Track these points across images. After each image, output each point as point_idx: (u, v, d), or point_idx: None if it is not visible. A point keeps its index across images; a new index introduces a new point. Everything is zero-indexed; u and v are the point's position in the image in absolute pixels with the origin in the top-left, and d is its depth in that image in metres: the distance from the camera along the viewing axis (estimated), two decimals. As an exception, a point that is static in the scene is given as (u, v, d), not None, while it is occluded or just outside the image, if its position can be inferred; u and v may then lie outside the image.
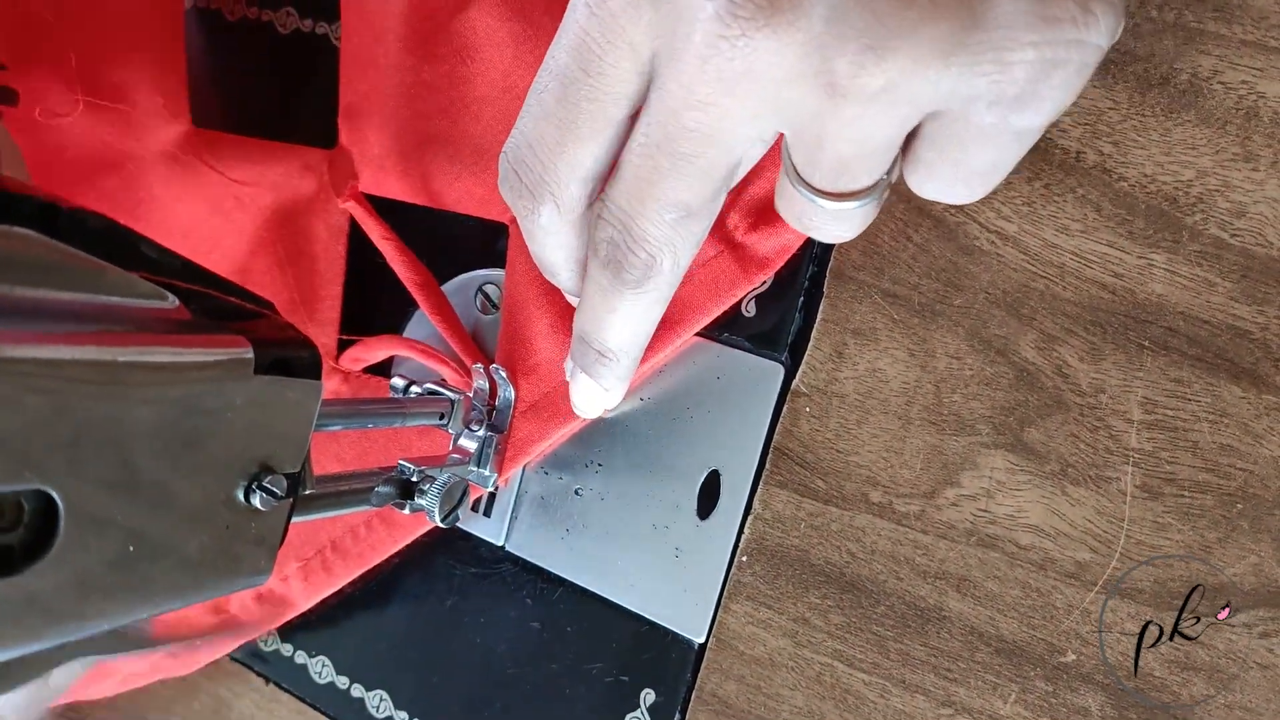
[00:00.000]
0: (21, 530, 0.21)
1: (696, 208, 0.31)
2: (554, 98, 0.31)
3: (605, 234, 0.32)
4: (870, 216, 0.32)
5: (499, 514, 0.47)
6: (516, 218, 0.36)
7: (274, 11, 0.53)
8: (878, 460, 0.39)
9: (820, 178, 0.30)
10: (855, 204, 0.30)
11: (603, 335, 0.36)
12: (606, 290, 0.34)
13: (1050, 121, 0.28)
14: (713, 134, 0.28)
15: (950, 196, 0.31)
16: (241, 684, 0.55)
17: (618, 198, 0.31)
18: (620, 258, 0.32)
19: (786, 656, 0.40)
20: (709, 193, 0.31)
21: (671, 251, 0.32)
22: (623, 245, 0.32)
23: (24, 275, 0.21)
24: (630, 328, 0.36)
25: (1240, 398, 0.34)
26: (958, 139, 0.28)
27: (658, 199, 0.30)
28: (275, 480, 0.27)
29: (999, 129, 0.28)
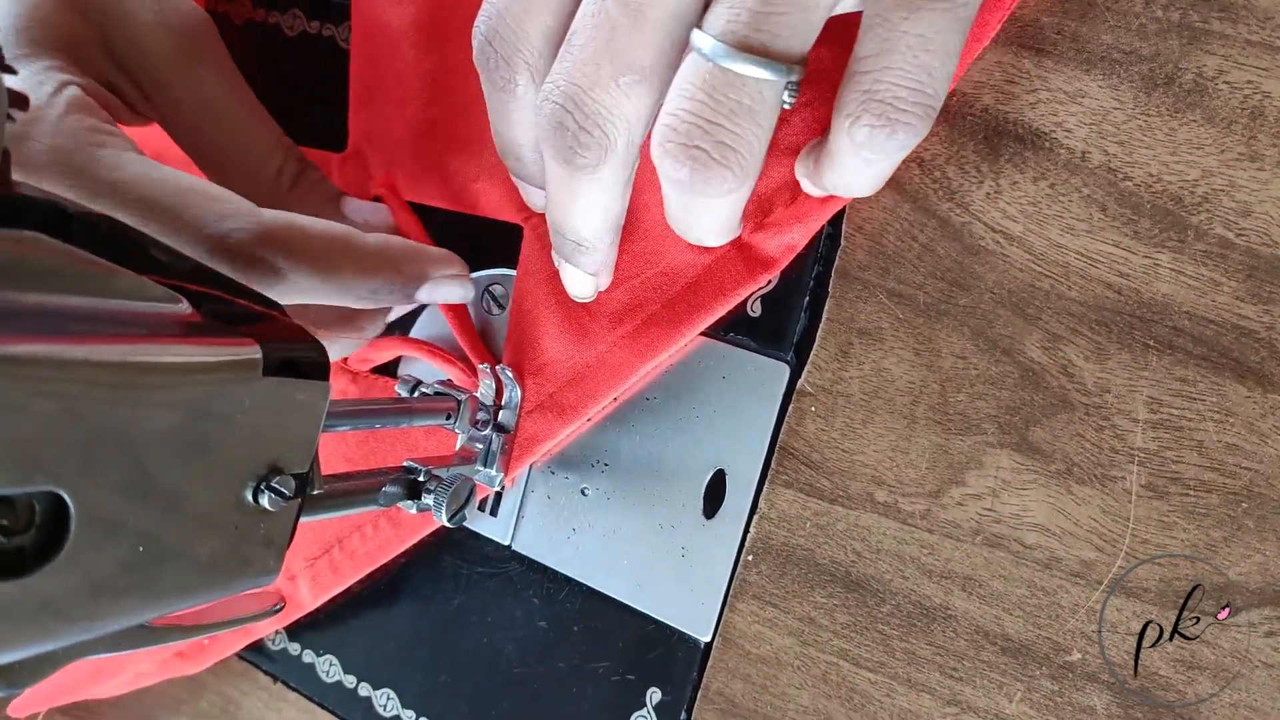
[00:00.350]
0: (33, 532, 0.21)
1: (649, 68, 0.30)
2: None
3: (554, 116, 0.31)
4: (769, 113, 0.30)
5: (505, 513, 0.47)
6: (488, 93, 0.36)
7: (281, 14, 0.53)
8: (883, 459, 0.39)
9: (736, 16, 0.29)
10: (764, 70, 0.29)
11: (573, 225, 0.36)
12: (566, 181, 0.34)
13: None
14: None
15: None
16: (249, 683, 0.55)
17: (567, 69, 0.31)
18: (572, 143, 0.31)
19: (792, 655, 0.40)
20: (662, 50, 0.30)
21: (625, 126, 0.31)
22: (573, 128, 0.31)
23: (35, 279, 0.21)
24: (598, 214, 0.36)
25: (1246, 397, 0.34)
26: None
27: (612, 61, 0.30)
28: (284, 481, 0.27)
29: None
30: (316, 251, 0.37)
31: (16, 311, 0.21)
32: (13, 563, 0.21)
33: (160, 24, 0.40)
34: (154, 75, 0.40)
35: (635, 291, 0.42)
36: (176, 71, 0.40)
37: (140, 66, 0.39)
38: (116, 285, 0.23)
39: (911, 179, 0.38)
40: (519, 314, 0.45)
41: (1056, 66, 0.36)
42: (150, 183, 0.35)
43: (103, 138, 0.36)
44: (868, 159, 0.31)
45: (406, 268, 0.40)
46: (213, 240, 0.35)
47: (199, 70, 0.41)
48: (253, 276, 0.35)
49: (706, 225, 0.36)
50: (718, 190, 0.31)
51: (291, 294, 0.36)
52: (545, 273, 0.44)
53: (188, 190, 0.35)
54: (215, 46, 0.42)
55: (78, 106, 0.36)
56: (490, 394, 0.45)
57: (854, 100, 0.30)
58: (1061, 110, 0.36)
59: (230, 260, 0.35)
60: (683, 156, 0.30)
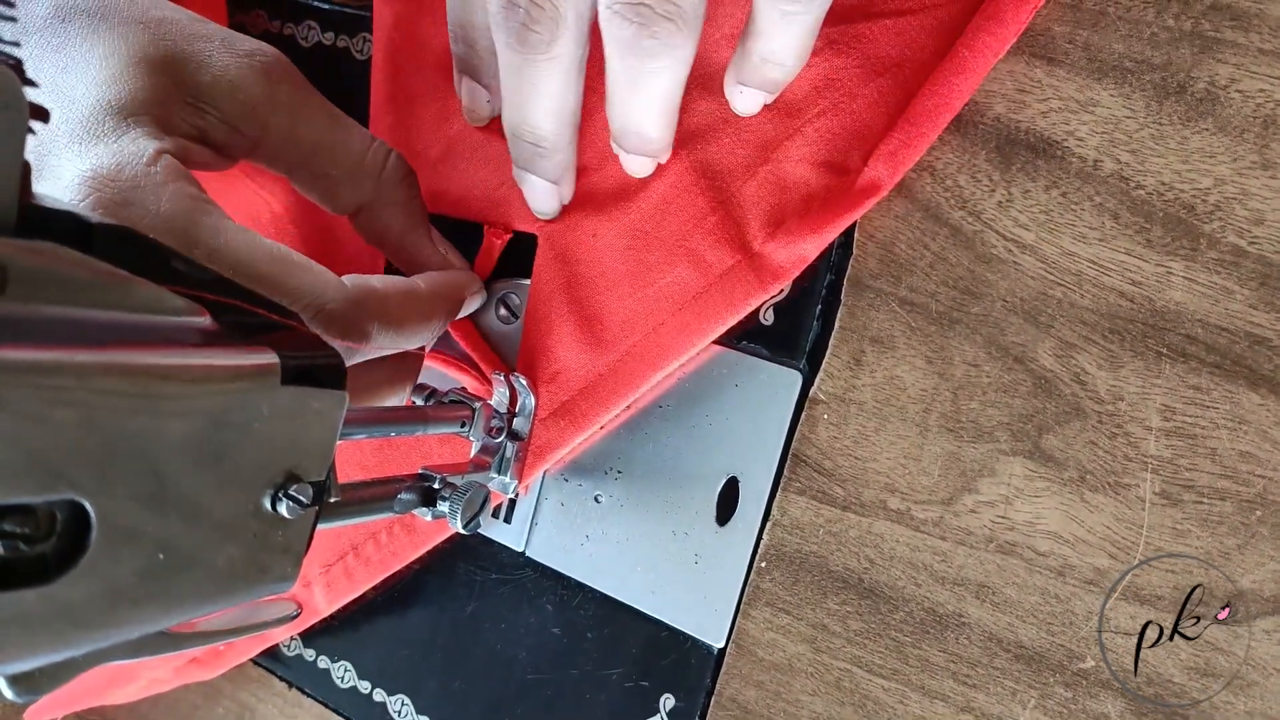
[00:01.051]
0: (54, 540, 0.22)
1: None
2: None
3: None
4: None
5: (520, 520, 0.47)
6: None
7: (296, 25, 0.54)
8: (896, 467, 0.39)
9: None
10: None
11: (531, 120, 0.37)
12: (520, 68, 0.34)
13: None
14: None
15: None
16: (264, 689, 0.56)
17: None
18: (524, 19, 0.32)
19: (805, 662, 0.41)
20: None
21: (573, 2, 0.32)
22: (524, 4, 0.32)
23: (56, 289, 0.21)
24: (553, 104, 0.36)
25: (1259, 405, 0.34)
26: None
27: None
28: (301, 489, 0.27)
29: None
30: (394, 311, 0.39)
31: (38, 321, 0.21)
32: (34, 571, 0.21)
33: (234, 57, 0.41)
34: (240, 105, 0.40)
35: (648, 301, 0.43)
36: (262, 96, 0.41)
37: (226, 102, 0.40)
38: (136, 295, 0.23)
39: (923, 188, 0.38)
40: (533, 322, 0.45)
41: (1068, 75, 0.36)
42: (248, 251, 0.36)
43: (204, 205, 0.37)
44: (786, 12, 0.33)
45: (454, 298, 0.43)
46: (313, 310, 0.36)
47: (282, 89, 0.42)
48: (345, 342, 0.37)
49: (647, 103, 0.36)
50: (662, 42, 0.32)
51: (372, 352, 0.39)
52: (559, 282, 0.45)
53: (282, 260, 0.37)
54: (289, 67, 0.43)
55: (175, 175, 0.37)
56: (504, 402, 0.45)
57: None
58: (1073, 119, 0.36)
59: (327, 326, 0.36)
60: (629, 14, 0.32)
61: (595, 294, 0.44)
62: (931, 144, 0.38)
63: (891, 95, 0.38)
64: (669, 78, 0.34)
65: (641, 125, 0.37)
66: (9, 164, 0.21)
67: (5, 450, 0.19)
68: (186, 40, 0.41)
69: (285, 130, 0.42)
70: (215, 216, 0.37)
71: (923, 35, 0.38)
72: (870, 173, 0.38)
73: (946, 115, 0.37)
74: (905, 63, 0.38)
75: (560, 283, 0.45)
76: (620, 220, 0.43)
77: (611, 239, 0.44)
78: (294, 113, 0.42)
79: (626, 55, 0.33)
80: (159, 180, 0.36)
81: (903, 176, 0.38)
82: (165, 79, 0.39)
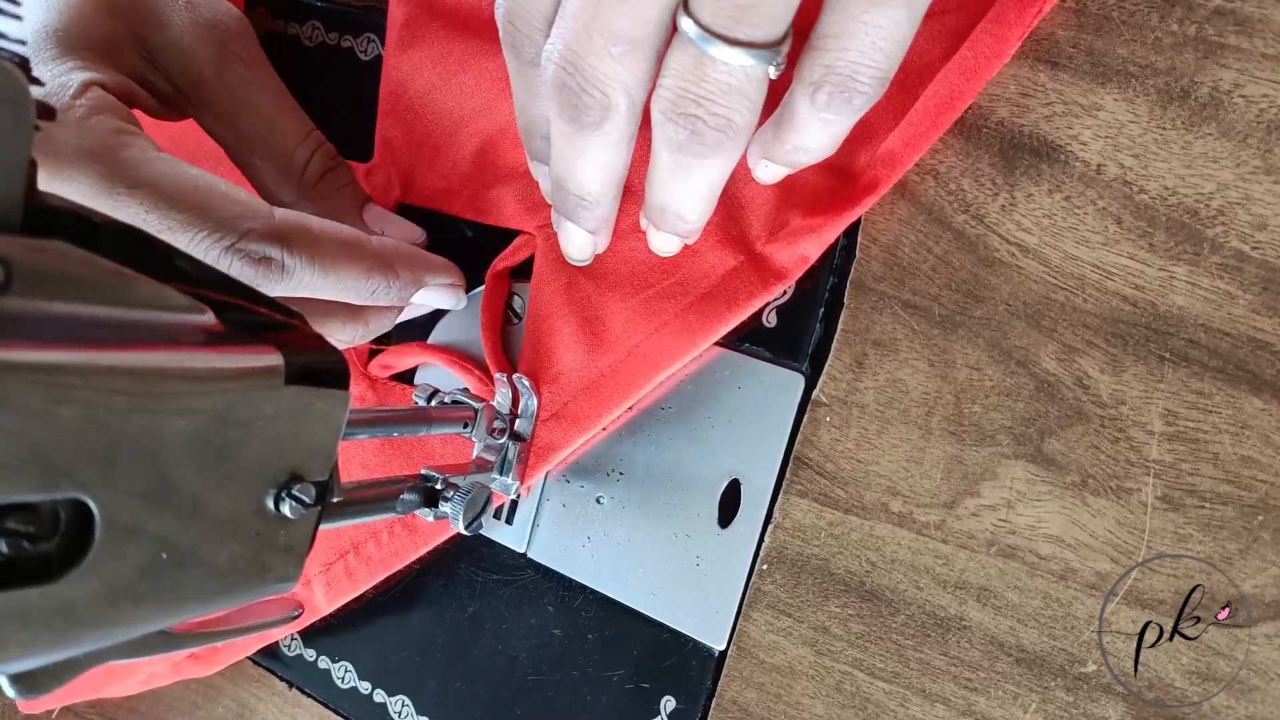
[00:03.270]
0: (58, 539, 0.22)
1: (639, 39, 0.31)
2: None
3: (557, 77, 0.32)
4: (757, 89, 0.32)
5: (521, 521, 0.47)
6: (514, 71, 0.37)
7: (300, 25, 0.54)
8: (898, 470, 0.39)
9: (720, 9, 0.30)
10: (748, 57, 0.30)
11: (577, 181, 0.37)
12: (570, 137, 0.35)
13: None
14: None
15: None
16: (264, 688, 0.56)
17: (563, 35, 0.32)
18: (575, 101, 0.33)
19: (807, 665, 0.41)
20: (648, 22, 0.31)
21: (624, 89, 0.32)
22: (575, 88, 0.32)
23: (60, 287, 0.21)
24: (601, 170, 0.36)
25: (1261, 410, 0.34)
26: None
27: (601, 32, 0.31)
28: (304, 489, 0.27)
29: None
30: (320, 249, 0.39)
31: (42, 319, 0.21)
32: (38, 569, 0.21)
33: (194, 23, 0.42)
34: (189, 72, 0.42)
35: (650, 302, 0.43)
36: (210, 68, 0.42)
37: (175, 65, 0.42)
38: (140, 294, 0.23)
39: (927, 191, 0.38)
40: (534, 324, 0.45)
41: (1072, 80, 0.36)
42: (171, 181, 0.37)
43: (127, 139, 0.38)
44: (826, 120, 0.33)
45: (404, 272, 0.43)
46: (231, 238, 0.37)
47: (233, 66, 0.43)
48: (260, 271, 0.37)
49: (690, 191, 0.36)
50: (712, 148, 0.33)
51: (294, 288, 0.39)
52: (560, 283, 0.45)
53: (208, 190, 0.38)
54: (248, 43, 0.44)
55: (101, 108, 0.38)
56: (507, 403, 0.45)
57: (816, 70, 0.32)
58: (1077, 123, 0.36)
59: (242, 257, 0.37)
60: (681, 121, 0.32)
61: (597, 295, 0.44)
62: (933, 145, 0.38)
63: (896, 99, 0.39)
64: (715, 173, 0.35)
65: (680, 208, 0.37)
66: (15, 161, 0.21)
67: (9, 448, 0.19)
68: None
69: (226, 111, 0.43)
70: (139, 149, 0.37)
71: (928, 41, 0.38)
72: (870, 172, 0.38)
73: (948, 116, 0.37)
74: (910, 67, 0.38)
75: (561, 284, 0.45)
76: (622, 221, 0.43)
77: (613, 240, 0.44)
78: (238, 96, 0.43)
79: (675, 152, 0.33)
80: (81, 114, 0.37)
81: (903, 176, 0.38)
82: (119, 23, 0.40)
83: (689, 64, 0.31)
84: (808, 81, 0.32)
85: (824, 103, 0.32)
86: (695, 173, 0.35)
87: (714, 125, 0.32)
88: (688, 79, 0.31)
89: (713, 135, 0.32)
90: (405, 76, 0.50)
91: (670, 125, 0.32)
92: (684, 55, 0.31)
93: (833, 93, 0.32)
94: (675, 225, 0.38)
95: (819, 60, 0.32)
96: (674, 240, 0.41)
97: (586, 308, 0.44)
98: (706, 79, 0.31)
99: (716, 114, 0.32)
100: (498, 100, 0.47)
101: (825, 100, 0.32)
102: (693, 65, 0.31)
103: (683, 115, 0.32)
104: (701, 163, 0.33)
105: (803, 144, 0.35)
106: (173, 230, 0.36)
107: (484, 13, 0.48)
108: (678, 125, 0.32)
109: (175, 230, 0.36)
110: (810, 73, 0.32)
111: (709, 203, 0.37)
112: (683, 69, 0.31)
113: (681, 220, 0.38)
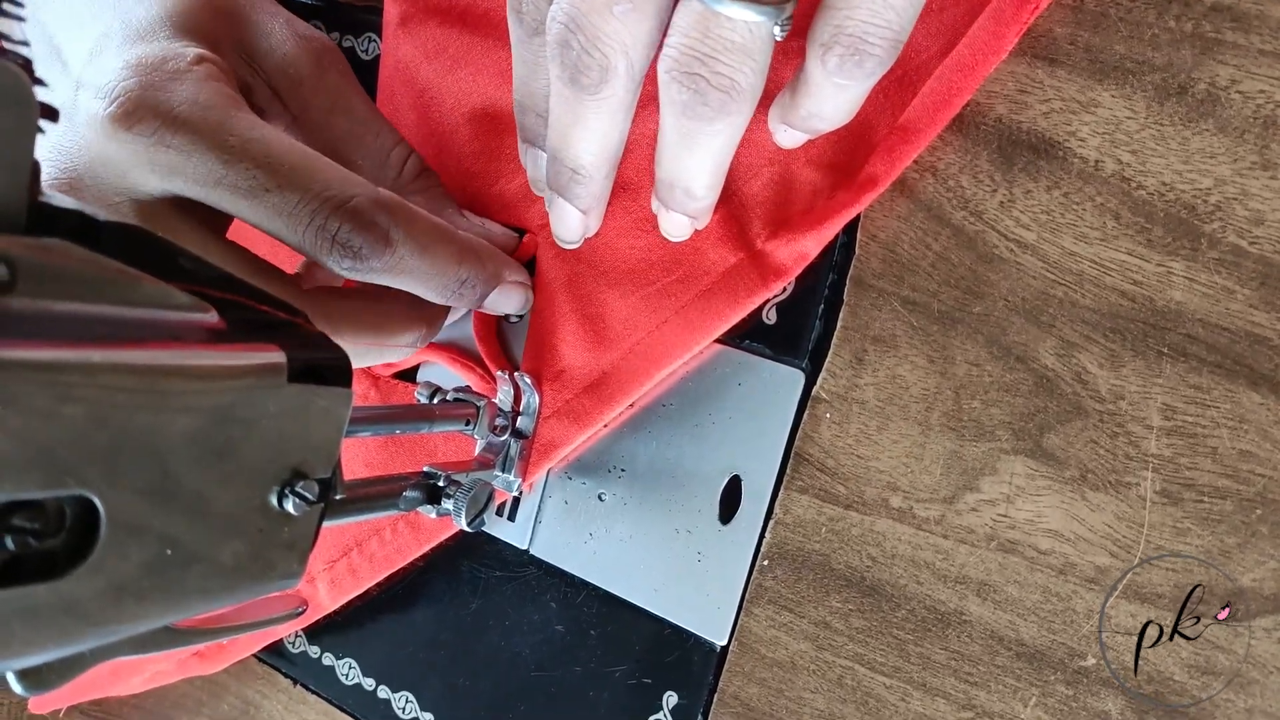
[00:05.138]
0: (63, 536, 0.22)
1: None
2: None
3: (560, 36, 0.33)
4: (763, 48, 0.32)
5: (523, 518, 0.47)
6: (518, 41, 0.38)
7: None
8: (898, 466, 0.39)
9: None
10: (753, 12, 0.31)
11: (573, 150, 0.37)
12: (570, 101, 0.35)
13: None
14: None
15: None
16: (269, 685, 0.56)
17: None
18: (576, 62, 0.33)
19: (808, 660, 0.41)
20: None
21: (624, 50, 0.33)
22: (576, 47, 0.33)
23: (64, 286, 0.22)
24: (597, 139, 0.37)
25: (1259, 404, 0.34)
26: None
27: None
28: (307, 486, 0.27)
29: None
30: (422, 229, 0.39)
31: (46, 318, 0.21)
32: (43, 566, 0.21)
33: (293, 34, 0.43)
34: (287, 74, 0.43)
35: (651, 299, 0.43)
36: (309, 71, 0.43)
37: (275, 67, 0.43)
38: (143, 292, 0.24)
39: (926, 188, 0.39)
40: (537, 321, 0.46)
41: (1070, 76, 0.36)
42: (283, 145, 0.37)
43: (240, 103, 0.38)
44: (839, 84, 0.33)
45: (490, 265, 0.43)
46: (337, 201, 0.37)
47: (329, 72, 0.44)
48: (367, 240, 0.37)
49: (698, 162, 0.36)
50: (716, 110, 0.33)
51: (392, 265, 0.38)
52: (562, 280, 0.45)
53: (316, 157, 0.38)
54: (341, 57, 0.46)
55: (216, 76, 0.39)
56: (509, 400, 0.45)
57: (826, 31, 0.32)
58: (1075, 120, 0.36)
59: (351, 220, 0.37)
60: (686, 81, 0.32)
61: (598, 292, 0.44)
62: (931, 142, 0.38)
63: (894, 95, 0.39)
64: (721, 141, 0.35)
65: (689, 182, 0.37)
66: (19, 162, 0.21)
67: (15, 446, 0.19)
68: (254, 7, 0.43)
69: (323, 113, 0.44)
70: (251, 115, 0.38)
71: (926, 38, 0.38)
72: (869, 169, 0.38)
73: (946, 113, 0.37)
74: (908, 64, 0.38)
75: (563, 281, 0.45)
76: (622, 218, 0.43)
77: (613, 237, 0.44)
78: (334, 99, 0.44)
79: (680, 117, 0.33)
80: (200, 76, 0.38)
81: (901, 173, 0.38)
82: (224, 25, 0.42)
83: (694, 20, 0.31)
84: (818, 44, 0.32)
85: (835, 66, 0.32)
86: (700, 141, 0.35)
87: (718, 85, 0.32)
88: (692, 36, 0.31)
89: (717, 96, 0.32)
90: (402, 74, 0.50)
91: (675, 86, 0.32)
92: (689, 12, 0.31)
93: (844, 55, 0.32)
94: (684, 203, 0.38)
95: (829, 21, 0.32)
96: (684, 221, 0.41)
97: (588, 305, 0.44)
98: (710, 35, 0.31)
99: (720, 73, 0.32)
100: (496, 95, 0.47)
101: (836, 64, 0.32)
102: (697, 22, 0.31)
103: (687, 75, 0.32)
104: (707, 128, 0.34)
105: (817, 110, 0.35)
106: (280, 189, 0.37)
107: (478, 7, 0.48)
108: (682, 85, 0.32)
109: (283, 190, 0.37)
110: (821, 33, 0.32)
111: (716, 177, 0.37)
112: (688, 26, 0.31)
113: (690, 197, 0.38)
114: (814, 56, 0.33)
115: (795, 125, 0.37)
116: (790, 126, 0.38)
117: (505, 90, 0.47)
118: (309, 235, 0.37)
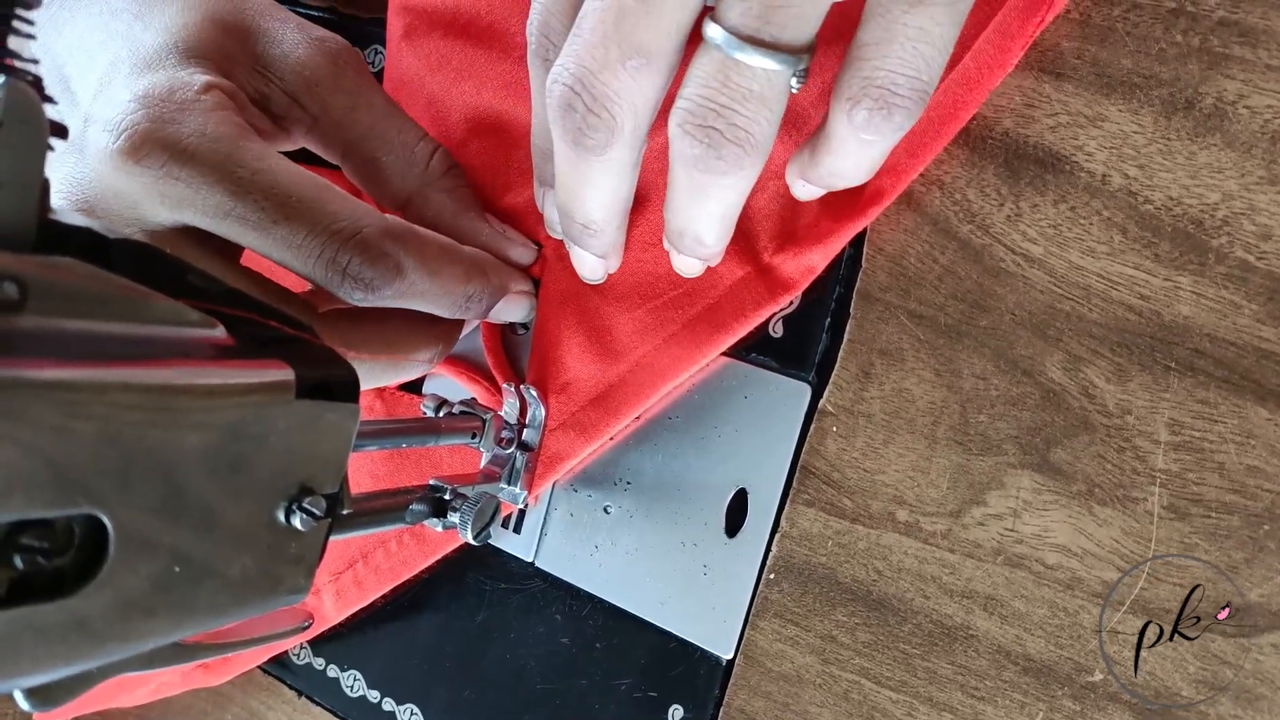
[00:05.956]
0: (72, 554, 0.22)
1: (656, 53, 0.31)
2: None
3: (563, 98, 0.32)
4: (779, 98, 0.32)
5: (529, 530, 0.47)
6: (537, 86, 0.38)
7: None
8: (904, 479, 0.39)
9: (748, 10, 0.30)
10: (774, 61, 0.30)
11: (583, 209, 0.37)
12: (575, 162, 0.35)
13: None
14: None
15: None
16: (274, 697, 0.56)
17: (576, 51, 0.32)
18: (580, 125, 0.33)
19: (814, 674, 0.41)
20: (668, 35, 0.31)
21: (631, 109, 0.32)
22: (581, 110, 0.32)
23: (74, 304, 0.22)
24: (605, 197, 0.37)
25: (1267, 419, 0.34)
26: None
27: (619, 44, 0.31)
28: (315, 501, 0.27)
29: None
30: (432, 254, 0.40)
31: (57, 336, 0.21)
32: (52, 584, 0.21)
33: (306, 38, 0.43)
34: (303, 78, 0.43)
35: (657, 312, 0.43)
36: (326, 72, 0.43)
37: (290, 72, 0.42)
38: (153, 310, 0.24)
39: (932, 202, 0.39)
40: (542, 334, 0.46)
41: (1077, 90, 0.36)
42: (291, 176, 0.37)
43: (249, 134, 0.38)
44: (865, 140, 0.33)
45: (494, 278, 0.43)
46: (347, 233, 0.37)
47: (346, 72, 0.44)
48: (378, 271, 0.37)
49: (709, 213, 0.36)
50: (730, 165, 0.32)
51: (402, 290, 0.39)
52: (567, 293, 0.45)
53: (326, 187, 0.38)
54: (358, 57, 0.45)
55: (224, 105, 0.39)
56: (514, 413, 0.45)
57: (854, 85, 0.32)
58: (1082, 134, 0.36)
59: (362, 253, 0.37)
60: (699, 134, 0.32)
61: (604, 305, 0.44)
62: (937, 155, 0.38)
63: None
64: (732, 194, 0.34)
65: (699, 232, 0.37)
66: (29, 181, 0.21)
67: (26, 464, 0.19)
68: (263, 16, 0.43)
69: (344, 112, 0.43)
70: (260, 145, 0.38)
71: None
72: (875, 182, 0.38)
73: (952, 127, 0.37)
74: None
75: (569, 294, 0.45)
76: (630, 234, 0.43)
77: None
78: (354, 97, 0.44)
79: (692, 170, 0.33)
80: (208, 106, 0.38)
81: (908, 187, 0.38)
82: (235, 41, 0.42)
83: (712, 71, 0.31)
84: (845, 98, 0.32)
85: (863, 121, 0.32)
86: (712, 194, 0.34)
87: (732, 138, 0.31)
88: (710, 86, 0.31)
89: (731, 150, 0.32)
90: (407, 87, 0.50)
91: (688, 140, 0.32)
92: (707, 62, 0.31)
93: (872, 109, 0.31)
94: (695, 249, 0.38)
95: (857, 73, 0.31)
96: (696, 263, 0.41)
97: (594, 318, 0.44)
98: (729, 84, 0.31)
99: (735, 124, 0.31)
100: (502, 108, 0.47)
101: (864, 118, 0.32)
102: (715, 71, 0.31)
103: (701, 128, 0.31)
104: (719, 181, 0.33)
105: (840, 168, 0.35)
106: (289, 222, 0.37)
107: (482, 19, 0.48)
108: (695, 140, 0.32)
109: (292, 222, 0.37)
110: (848, 87, 0.32)
111: (727, 226, 0.37)
112: (707, 75, 0.31)
113: (700, 244, 0.38)
114: (839, 111, 0.32)
115: (814, 182, 0.37)
116: (809, 183, 0.37)
117: (510, 102, 0.47)
118: (319, 268, 0.37)
